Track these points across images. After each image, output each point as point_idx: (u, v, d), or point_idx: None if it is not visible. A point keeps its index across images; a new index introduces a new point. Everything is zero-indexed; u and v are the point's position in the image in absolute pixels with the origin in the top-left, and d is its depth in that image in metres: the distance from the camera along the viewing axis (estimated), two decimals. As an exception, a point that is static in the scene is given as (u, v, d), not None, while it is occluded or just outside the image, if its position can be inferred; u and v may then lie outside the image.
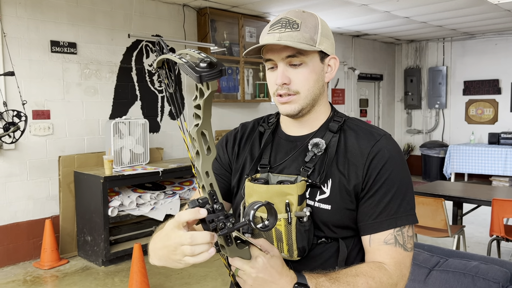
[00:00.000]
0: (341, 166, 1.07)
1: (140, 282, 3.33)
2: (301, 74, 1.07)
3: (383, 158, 1.06)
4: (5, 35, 4.00)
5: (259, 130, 1.23)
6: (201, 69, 0.76)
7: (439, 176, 8.06)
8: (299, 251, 1.04)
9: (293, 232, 1.02)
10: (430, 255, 1.88)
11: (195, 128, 0.83)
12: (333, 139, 1.10)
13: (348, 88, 8.09)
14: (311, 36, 1.05)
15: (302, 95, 1.08)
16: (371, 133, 1.10)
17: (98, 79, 4.70)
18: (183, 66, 0.79)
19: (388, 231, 1.04)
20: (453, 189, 4.10)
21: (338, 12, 5.88)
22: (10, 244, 4.16)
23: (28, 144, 4.22)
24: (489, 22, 6.86)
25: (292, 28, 1.04)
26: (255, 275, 0.89)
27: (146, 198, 4.40)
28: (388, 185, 1.05)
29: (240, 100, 5.85)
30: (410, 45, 8.95)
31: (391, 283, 1.00)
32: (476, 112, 8.23)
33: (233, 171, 1.22)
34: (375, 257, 1.04)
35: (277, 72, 1.08)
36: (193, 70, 0.76)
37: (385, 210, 1.04)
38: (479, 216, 5.12)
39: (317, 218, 1.06)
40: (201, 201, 0.85)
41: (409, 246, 1.05)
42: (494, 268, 1.68)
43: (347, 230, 1.07)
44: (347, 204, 1.06)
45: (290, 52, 1.05)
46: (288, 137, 1.17)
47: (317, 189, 1.07)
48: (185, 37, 5.37)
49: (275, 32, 1.05)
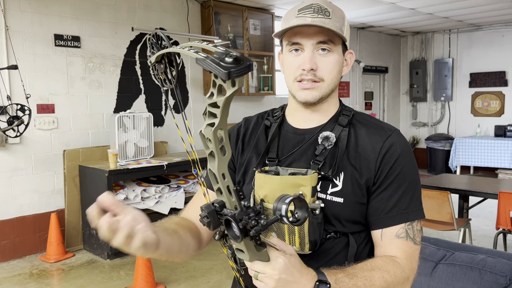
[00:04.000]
0: (353, 160, 1.06)
1: (145, 276, 3.34)
2: (328, 62, 1.06)
3: (395, 153, 1.05)
4: (9, 29, 3.99)
5: (264, 123, 1.20)
6: (228, 65, 0.69)
7: (444, 169, 8.01)
8: (310, 244, 1.03)
9: (305, 225, 1.01)
10: (437, 248, 1.87)
11: (209, 128, 0.75)
12: (343, 133, 1.09)
13: (353, 81, 8.04)
14: (340, 26, 1.05)
15: (325, 83, 1.07)
16: (382, 128, 1.10)
17: (102, 72, 4.69)
18: (204, 62, 0.71)
19: (400, 225, 1.04)
20: (459, 182, 4.07)
21: (343, 4, 5.83)
22: (16, 237, 4.18)
23: (33, 138, 4.23)
24: (496, 13, 6.78)
25: (325, 15, 1.03)
26: (277, 277, 0.85)
27: (151, 191, 4.40)
28: (400, 180, 1.05)
29: (244, 94, 5.83)
30: (416, 37, 8.87)
31: (404, 276, 1.00)
32: (482, 105, 8.16)
33: (238, 166, 1.20)
34: (386, 250, 1.04)
35: (303, 57, 1.05)
36: (218, 65, 0.69)
37: (397, 204, 1.04)
38: (485, 209, 5.09)
39: (329, 212, 1.04)
40: (217, 205, 0.79)
41: (418, 240, 1.06)
42: (502, 262, 1.67)
43: (357, 224, 1.07)
44: (359, 198, 1.05)
45: (323, 38, 1.04)
46: (296, 130, 1.15)
47: (329, 182, 1.05)
48: (189, 30, 5.35)
49: (306, 16, 1.03)
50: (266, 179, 1.05)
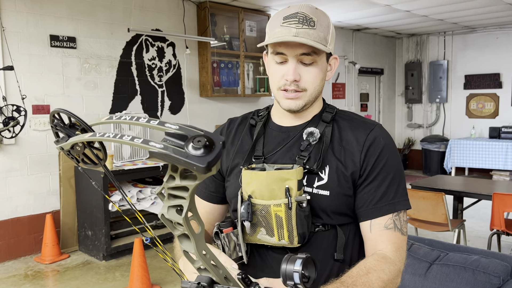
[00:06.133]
0: (338, 154, 1.09)
1: (141, 277, 3.34)
2: (311, 73, 1.08)
3: (379, 146, 1.09)
4: (4, 29, 3.98)
5: (250, 123, 1.23)
6: (201, 155, 0.55)
7: (439, 171, 8.05)
8: (299, 237, 1.05)
9: (293, 218, 1.04)
10: (431, 249, 1.88)
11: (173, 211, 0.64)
12: (327, 129, 1.12)
13: (349, 83, 8.07)
14: (325, 36, 1.06)
15: (308, 92, 1.10)
16: (364, 123, 1.14)
17: (98, 73, 4.68)
18: (166, 157, 0.56)
19: (387, 216, 1.07)
20: (453, 183, 4.09)
21: (338, 5, 5.85)
22: (11, 238, 4.17)
23: (28, 139, 4.21)
24: (490, 16, 6.83)
25: (309, 25, 1.04)
26: None
27: (147, 192, 4.40)
28: (385, 172, 1.08)
29: (240, 95, 5.84)
30: (411, 39, 8.91)
31: (397, 269, 1.03)
32: (477, 106, 8.21)
33: (224, 167, 1.22)
34: (376, 244, 1.06)
35: (287, 67, 1.07)
36: (188, 158, 0.55)
37: (384, 195, 1.07)
38: (479, 210, 5.12)
39: (316, 205, 1.07)
40: (205, 284, 0.70)
41: (405, 230, 1.10)
42: (495, 262, 1.68)
43: (344, 216, 1.10)
44: (345, 190, 1.08)
45: (306, 50, 1.05)
46: (281, 128, 1.18)
47: (315, 176, 1.08)
48: (185, 31, 5.35)
49: (291, 26, 1.04)
50: (252, 175, 1.07)
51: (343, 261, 1.10)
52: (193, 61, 5.54)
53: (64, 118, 0.74)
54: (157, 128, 0.61)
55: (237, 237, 1.10)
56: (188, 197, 0.62)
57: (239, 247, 1.11)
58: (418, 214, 3.56)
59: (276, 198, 1.05)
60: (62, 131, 0.73)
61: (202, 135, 0.56)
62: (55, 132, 0.74)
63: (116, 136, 0.60)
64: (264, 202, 1.06)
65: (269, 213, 1.06)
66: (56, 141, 0.73)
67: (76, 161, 0.74)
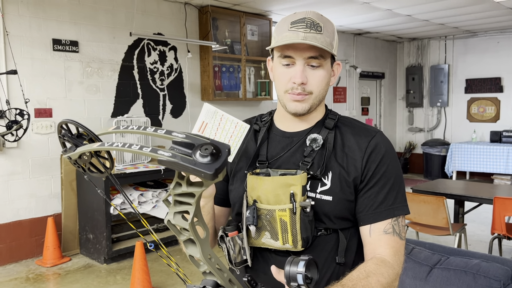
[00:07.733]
0: (340, 160, 1.12)
1: (142, 280, 3.34)
2: (318, 76, 1.11)
3: (380, 152, 1.12)
4: (8, 34, 4.00)
5: (253, 128, 1.24)
6: (208, 163, 0.57)
7: (440, 175, 8.05)
8: (303, 241, 1.07)
9: (297, 222, 1.06)
10: (432, 253, 1.88)
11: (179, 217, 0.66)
12: (330, 135, 1.15)
13: (350, 87, 8.08)
14: (331, 41, 1.09)
15: (314, 95, 1.12)
16: (366, 129, 1.16)
17: (100, 77, 4.70)
18: (175, 165, 0.58)
19: (387, 221, 1.09)
20: (454, 187, 4.10)
21: (340, 10, 5.87)
22: (13, 242, 4.18)
23: (30, 142, 4.23)
24: (491, 20, 6.84)
25: (316, 30, 1.07)
26: None
27: (148, 196, 4.41)
28: (386, 178, 1.11)
29: (241, 99, 5.85)
30: (412, 43, 8.93)
31: (395, 273, 1.05)
32: (478, 110, 8.21)
33: (228, 171, 1.24)
34: (375, 248, 1.09)
35: (294, 70, 1.10)
36: (196, 165, 0.57)
37: (384, 201, 1.10)
38: (480, 214, 5.11)
39: (319, 209, 1.09)
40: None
41: (403, 235, 1.12)
42: (496, 266, 1.69)
43: (346, 221, 1.12)
44: (347, 196, 1.10)
45: (314, 53, 1.08)
46: (284, 133, 1.20)
47: (318, 182, 1.10)
48: (186, 35, 5.38)
49: (299, 31, 1.06)
50: (258, 180, 1.10)
51: (344, 264, 1.12)
52: (195, 65, 5.56)
53: (71, 128, 0.76)
54: (164, 137, 0.63)
55: (242, 240, 1.12)
56: (194, 203, 0.64)
57: (244, 250, 1.12)
58: (419, 218, 3.56)
59: (281, 203, 1.07)
60: (70, 141, 0.74)
61: (208, 143, 0.59)
62: (62, 142, 0.75)
63: (125, 146, 0.63)
64: (269, 207, 1.08)
65: (274, 218, 1.08)
66: (64, 151, 0.75)
67: (82, 170, 0.75)
